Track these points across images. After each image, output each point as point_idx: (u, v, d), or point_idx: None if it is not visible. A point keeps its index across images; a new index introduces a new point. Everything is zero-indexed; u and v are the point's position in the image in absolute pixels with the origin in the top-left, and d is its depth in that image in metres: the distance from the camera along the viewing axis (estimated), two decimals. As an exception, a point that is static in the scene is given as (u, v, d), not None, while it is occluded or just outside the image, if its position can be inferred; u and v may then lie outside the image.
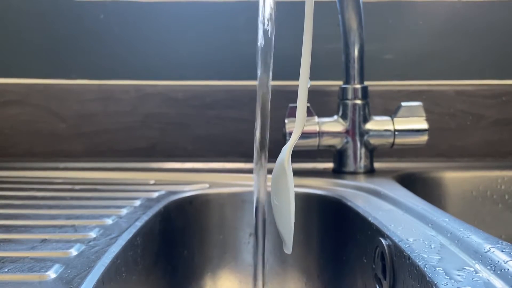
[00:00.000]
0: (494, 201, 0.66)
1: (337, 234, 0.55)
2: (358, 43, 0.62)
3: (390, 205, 0.49)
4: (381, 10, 0.76)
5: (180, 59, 0.77)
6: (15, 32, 0.76)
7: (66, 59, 0.77)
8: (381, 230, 0.41)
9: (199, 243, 0.58)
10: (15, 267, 0.33)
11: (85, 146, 0.76)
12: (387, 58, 0.77)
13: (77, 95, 0.76)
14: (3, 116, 0.76)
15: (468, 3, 0.76)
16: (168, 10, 0.76)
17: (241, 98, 0.75)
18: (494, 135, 0.76)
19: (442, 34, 0.77)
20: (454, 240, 0.36)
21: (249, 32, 0.71)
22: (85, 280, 0.31)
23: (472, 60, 0.77)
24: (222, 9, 0.76)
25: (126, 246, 0.40)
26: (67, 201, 0.53)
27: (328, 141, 0.63)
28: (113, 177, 0.66)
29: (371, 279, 0.43)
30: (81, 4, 0.76)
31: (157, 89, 0.76)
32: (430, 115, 0.67)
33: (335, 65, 0.68)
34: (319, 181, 0.61)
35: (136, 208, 0.50)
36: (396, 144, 0.63)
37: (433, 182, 0.66)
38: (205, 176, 0.65)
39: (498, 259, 0.31)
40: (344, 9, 0.61)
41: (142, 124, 0.76)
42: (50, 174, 0.67)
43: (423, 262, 0.32)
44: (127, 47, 0.77)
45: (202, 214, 0.58)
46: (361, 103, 0.63)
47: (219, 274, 0.59)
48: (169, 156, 0.75)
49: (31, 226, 0.43)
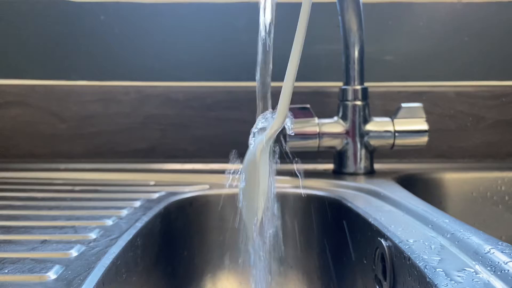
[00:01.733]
0: (494, 202, 0.66)
1: (337, 235, 0.55)
2: (358, 44, 0.62)
3: (390, 206, 0.49)
4: (381, 11, 0.76)
5: (180, 60, 0.77)
6: (15, 33, 0.76)
7: (67, 60, 0.77)
8: (381, 231, 0.41)
9: (199, 244, 0.58)
10: (16, 268, 0.33)
11: (85, 147, 0.76)
12: (387, 59, 0.77)
13: (77, 96, 0.76)
14: (3, 117, 0.76)
15: (468, 4, 0.76)
16: (168, 11, 0.76)
17: (241, 99, 0.75)
18: (494, 136, 0.76)
19: (442, 35, 0.77)
20: (454, 241, 0.36)
21: (249, 33, 0.71)
22: (85, 281, 0.31)
23: (472, 61, 0.77)
24: (222, 10, 0.76)
25: (127, 247, 0.40)
26: (67, 202, 0.53)
27: (328, 142, 0.63)
28: (114, 178, 0.66)
29: (371, 280, 0.43)
30: (82, 5, 0.76)
31: (157, 90, 0.76)
32: (430, 116, 0.67)
33: (335, 66, 0.68)
34: (320, 182, 0.61)
35: (136, 209, 0.50)
36: (396, 145, 0.63)
37: (433, 183, 0.66)
38: (205, 177, 0.65)
39: (498, 260, 0.31)
40: (344, 11, 0.61)
41: (143, 125, 0.76)
42: (50, 175, 0.67)
43: (423, 263, 0.32)
44: (128, 48, 0.77)
45: (202, 215, 0.58)
46: (361, 104, 0.63)
47: (219, 275, 0.59)
48: (169, 157, 0.75)
49: (32, 227, 0.43)
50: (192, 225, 0.58)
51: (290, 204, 0.59)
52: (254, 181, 0.41)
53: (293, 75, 0.38)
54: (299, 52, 0.38)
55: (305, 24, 0.38)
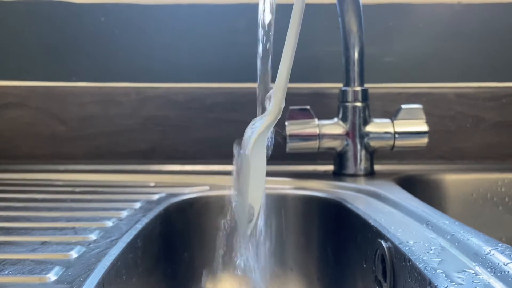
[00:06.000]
0: (494, 204, 0.66)
1: (337, 236, 0.55)
2: (358, 46, 0.62)
3: (390, 207, 0.49)
4: (381, 12, 0.76)
5: (180, 61, 0.77)
6: (15, 34, 0.76)
7: (67, 62, 0.77)
8: (382, 232, 0.41)
9: (199, 245, 0.58)
10: (16, 269, 0.33)
11: (85, 148, 0.76)
12: (387, 60, 0.77)
13: (77, 97, 0.76)
14: (4, 118, 0.76)
15: (468, 5, 0.76)
16: (168, 12, 0.76)
17: (241, 101, 0.75)
18: (494, 137, 0.76)
19: (442, 37, 0.77)
20: (454, 242, 0.36)
21: (249, 35, 0.71)
22: (85, 283, 0.31)
23: (472, 62, 0.77)
24: (222, 11, 0.76)
25: (127, 249, 0.40)
26: (67, 203, 0.53)
27: (328, 144, 0.63)
28: (114, 180, 0.66)
29: (371, 281, 0.43)
30: (82, 7, 0.76)
31: (157, 92, 0.76)
32: (430, 117, 0.67)
33: (335, 67, 0.68)
34: (320, 184, 0.61)
35: (137, 211, 0.50)
36: (396, 146, 0.63)
37: (433, 184, 0.66)
38: (205, 178, 0.65)
39: (498, 261, 0.31)
40: (344, 12, 0.61)
41: (143, 127, 0.76)
42: (50, 176, 0.67)
43: (423, 265, 0.32)
44: (128, 49, 0.77)
45: (203, 216, 0.58)
46: (361, 105, 0.63)
47: (219, 276, 0.59)
48: (169, 158, 0.75)
49: (32, 228, 0.43)
50: (192, 226, 0.58)
51: (290, 205, 0.59)
52: (246, 175, 0.40)
53: (288, 63, 0.38)
54: (295, 39, 0.37)
55: (302, 7, 0.37)
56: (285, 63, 0.38)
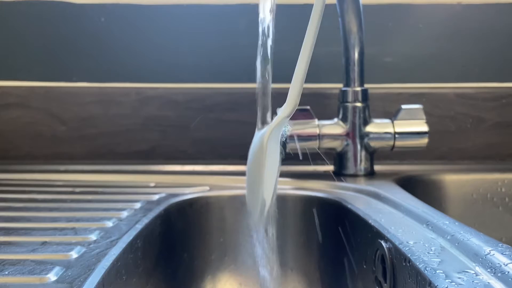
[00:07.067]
0: (495, 204, 0.66)
1: (337, 236, 0.54)
2: (358, 46, 0.62)
3: (391, 207, 0.49)
4: (381, 13, 0.76)
5: (180, 62, 0.77)
6: (16, 35, 0.76)
7: (67, 62, 0.77)
8: (382, 232, 0.41)
9: (199, 245, 0.58)
10: (16, 269, 0.33)
11: (85, 148, 0.76)
12: (387, 61, 0.77)
13: (77, 97, 0.76)
14: (4, 118, 0.76)
15: (468, 6, 0.76)
16: (168, 13, 0.76)
17: (241, 101, 0.75)
18: (494, 137, 0.76)
19: (442, 37, 0.77)
20: (455, 242, 0.36)
21: (249, 35, 0.71)
22: (85, 283, 0.31)
23: (472, 62, 0.77)
24: (222, 12, 0.76)
25: (127, 249, 0.40)
26: (67, 203, 0.53)
27: (328, 144, 0.63)
28: (114, 180, 0.66)
29: (371, 282, 0.43)
30: (82, 7, 0.76)
31: (157, 92, 0.76)
32: (430, 117, 0.67)
33: (335, 68, 0.68)
34: (320, 184, 0.61)
35: (137, 211, 0.50)
36: (396, 146, 0.63)
37: (434, 184, 0.66)
38: (206, 178, 0.65)
39: (499, 261, 0.31)
40: (344, 12, 0.61)
41: (143, 127, 0.76)
42: (50, 176, 0.67)
43: (423, 265, 0.32)
44: (128, 50, 0.77)
45: (203, 216, 0.58)
46: (361, 105, 0.63)
47: (219, 277, 0.59)
48: (169, 158, 0.75)
49: (32, 229, 0.43)
50: (192, 227, 0.58)
51: (290, 205, 0.59)
52: (259, 168, 0.40)
53: (307, 58, 0.37)
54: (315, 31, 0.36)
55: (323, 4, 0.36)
56: (303, 58, 0.37)
